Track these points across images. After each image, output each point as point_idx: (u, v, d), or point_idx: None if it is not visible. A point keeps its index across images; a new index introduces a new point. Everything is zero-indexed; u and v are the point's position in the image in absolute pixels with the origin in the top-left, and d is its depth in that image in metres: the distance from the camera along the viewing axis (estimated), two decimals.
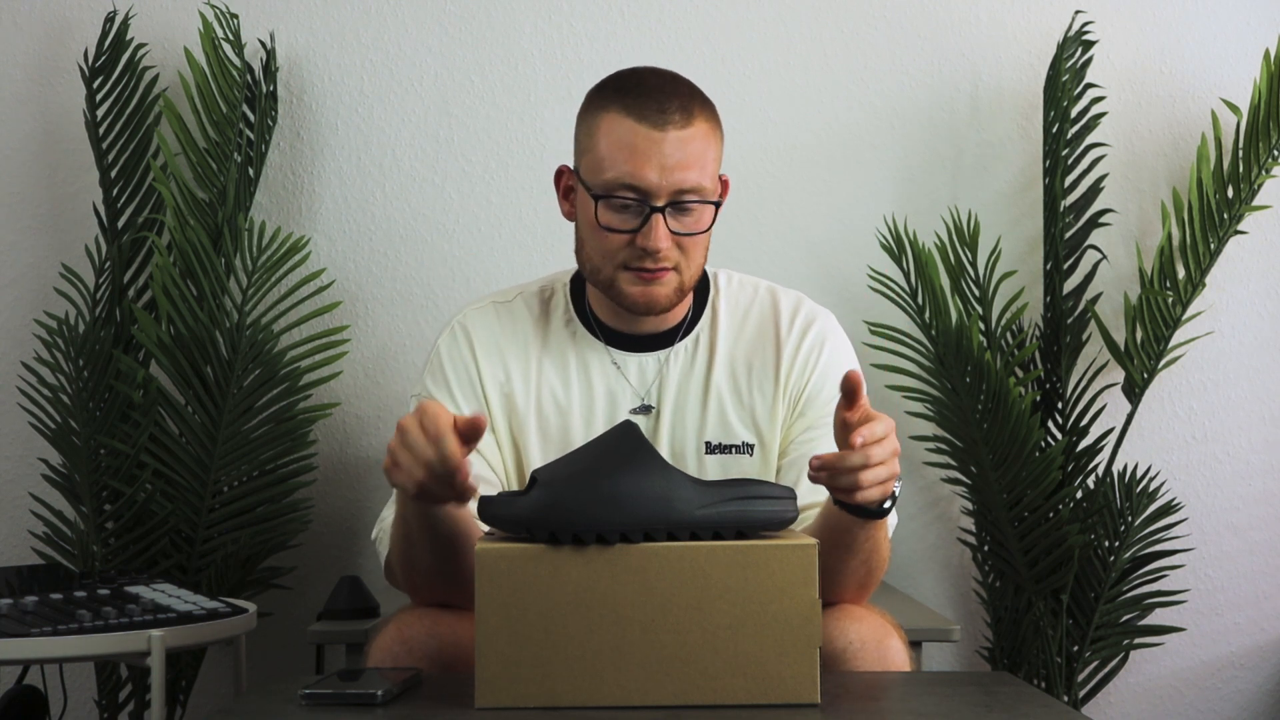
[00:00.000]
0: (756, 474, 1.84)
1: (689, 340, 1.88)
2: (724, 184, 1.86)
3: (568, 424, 1.85)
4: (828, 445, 1.80)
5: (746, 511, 1.44)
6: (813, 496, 1.76)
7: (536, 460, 1.84)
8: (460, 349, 1.87)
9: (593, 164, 1.78)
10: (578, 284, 1.90)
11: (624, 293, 1.79)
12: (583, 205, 1.80)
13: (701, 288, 1.90)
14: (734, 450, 1.85)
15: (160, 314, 2.51)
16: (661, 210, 1.74)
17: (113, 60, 2.60)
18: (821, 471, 1.53)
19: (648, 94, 1.76)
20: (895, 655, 1.67)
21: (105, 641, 1.89)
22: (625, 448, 1.46)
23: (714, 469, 1.83)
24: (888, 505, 1.62)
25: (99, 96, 2.60)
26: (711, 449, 1.84)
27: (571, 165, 1.84)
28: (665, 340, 1.87)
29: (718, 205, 1.79)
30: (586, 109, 1.81)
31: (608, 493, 1.41)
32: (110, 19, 2.61)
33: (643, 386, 1.86)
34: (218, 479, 2.53)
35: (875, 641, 1.67)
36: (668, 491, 1.42)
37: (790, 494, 1.47)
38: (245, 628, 2.07)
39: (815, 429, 1.84)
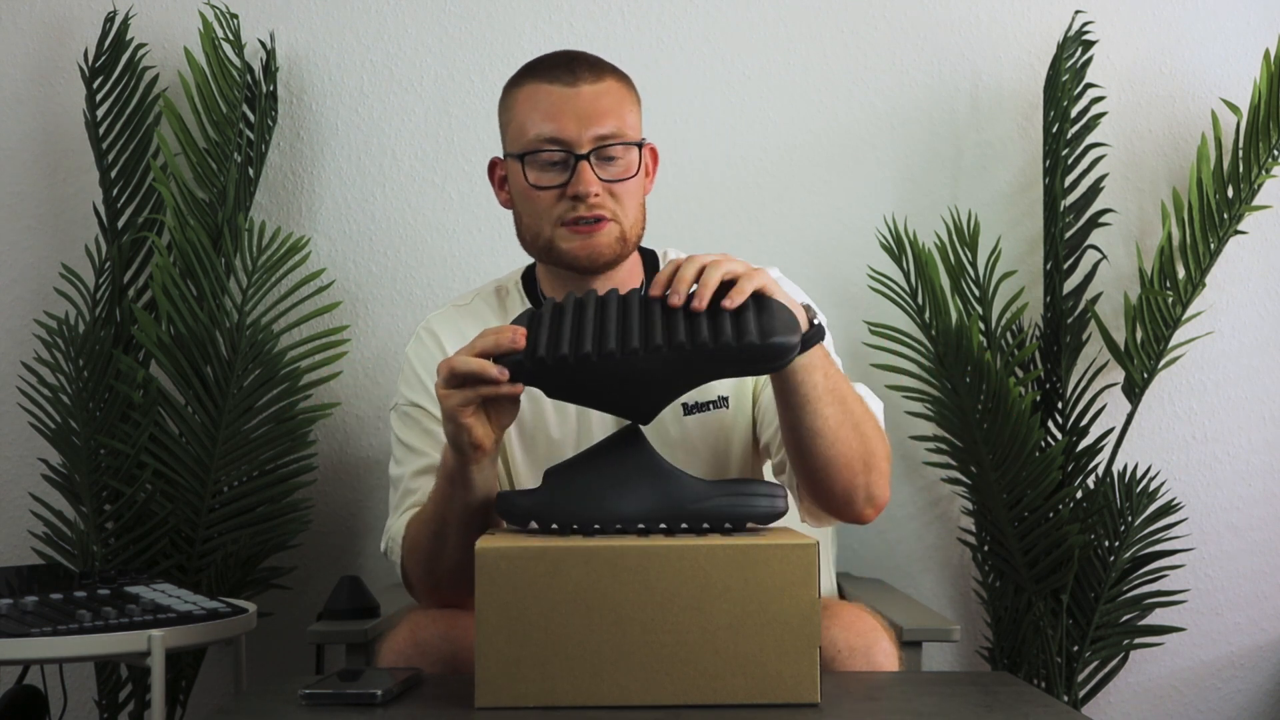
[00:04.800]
0: (732, 424, 1.86)
1: None
2: (653, 154, 1.88)
3: (540, 409, 1.86)
4: None
5: (738, 505, 1.49)
6: None
7: (517, 450, 1.86)
8: (430, 352, 1.89)
9: (515, 133, 1.82)
10: (529, 279, 1.93)
11: (564, 250, 1.79)
12: (514, 177, 1.83)
13: (651, 266, 1.93)
14: (710, 406, 1.86)
15: (160, 314, 2.51)
16: (586, 157, 1.77)
17: (113, 60, 2.60)
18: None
19: (555, 62, 1.82)
20: (884, 662, 1.69)
21: (105, 641, 1.89)
22: (627, 448, 1.53)
23: (694, 429, 1.85)
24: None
25: (99, 96, 2.60)
26: (689, 410, 1.85)
27: (501, 156, 1.88)
28: None
29: (640, 146, 1.81)
30: (503, 96, 1.86)
31: (609, 488, 1.48)
32: (110, 19, 2.61)
33: None
34: (218, 479, 2.52)
35: (864, 649, 1.69)
36: (666, 488, 1.49)
37: (782, 491, 1.52)
38: (245, 628, 2.08)
39: None
